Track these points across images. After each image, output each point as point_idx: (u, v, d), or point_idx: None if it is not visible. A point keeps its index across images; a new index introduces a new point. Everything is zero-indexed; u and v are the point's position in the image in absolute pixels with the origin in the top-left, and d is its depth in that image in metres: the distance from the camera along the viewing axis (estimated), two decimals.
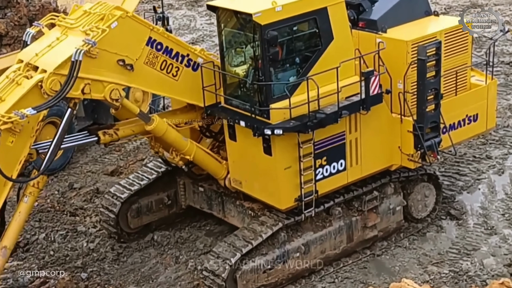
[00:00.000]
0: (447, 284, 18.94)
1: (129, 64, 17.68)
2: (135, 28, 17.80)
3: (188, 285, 19.76)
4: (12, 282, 20.12)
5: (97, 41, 16.75)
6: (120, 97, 17.78)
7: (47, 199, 24.34)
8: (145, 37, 17.89)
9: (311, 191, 18.79)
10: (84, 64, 16.74)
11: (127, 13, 17.63)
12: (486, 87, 21.06)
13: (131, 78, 17.99)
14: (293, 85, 18.20)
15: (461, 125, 20.81)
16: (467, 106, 20.84)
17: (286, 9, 17.68)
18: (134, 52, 17.79)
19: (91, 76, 17.19)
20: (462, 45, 20.41)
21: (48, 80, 16.48)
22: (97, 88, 17.47)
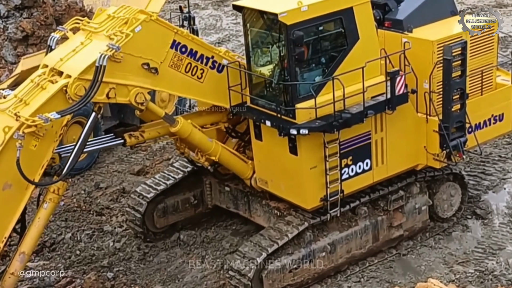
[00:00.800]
0: (472, 283, 18.91)
1: (154, 68, 17.76)
2: (159, 31, 17.88)
3: (214, 285, 19.82)
4: (38, 282, 20.23)
5: (121, 46, 16.81)
6: (145, 101, 17.85)
7: (73, 199, 24.48)
8: (169, 40, 17.96)
9: (336, 191, 18.81)
10: (109, 69, 16.82)
11: (151, 16, 17.70)
12: None
13: (156, 82, 18.07)
14: (318, 85, 18.15)
15: (486, 124, 20.72)
16: (493, 105, 20.71)
17: (312, 9, 17.65)
18: (158, 55, 17.86)
19: (115, 81, 17.27)
20: (488, 45, 20.27)
21: (73, 85, 16.56)
22: (122, 92, 17.55)
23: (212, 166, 20.17)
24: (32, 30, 26.13)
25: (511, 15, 39.45)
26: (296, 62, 17.79)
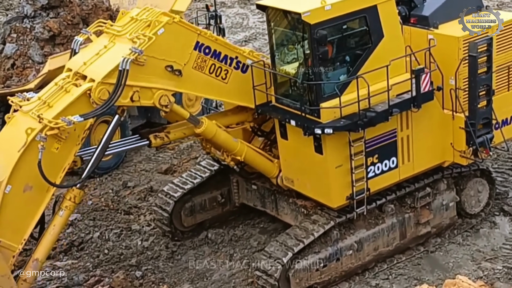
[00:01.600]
0: (500, 280, 18.88)
1: (178, 70, 17.86)
2: (182, 33, 17.97)
3: (242, 283, 19.90)
4: (67, 281, 20.39)
5: (144, 49, 16.92)
6: (169, 103, 17.97)
7: (101, 198, 24.66)
8: (193, 41, 18.04)
9: (362, 189, 18.81)
10: (132, 72, 16.98)
11: (173, 18, 17.78)
12: None
13: (180, 84, 18.17)
14: (343, 84, 18.19)
15: None
16: None
17: (335, 8, 17.65)
18: (182, 57, 17.96)
19: (139, 84, 17.41)
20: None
21: (97, 89, 16.72)
22: (146, 95, 17.69)
23: (238, 166, 20.31)
24: (59, 29, 26.23)
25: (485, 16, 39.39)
26: (320, 61, 17.77)
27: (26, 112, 16.85)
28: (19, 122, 17.00)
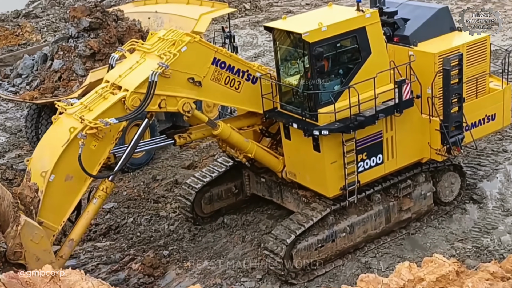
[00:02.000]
0: (470, 257, 18.90)
1: (198, 81, 17.92)
2: (202, 50, 18.02)
3: (253, 260, 19.89)
4: (106, 259, 20.52)
5: (170, 64, 17.13)
6: (191, 109, 18.05)
7: (134, 189, 24.65)
8: (211, 57, 18.09)
9: (353, 181, 18.89)
10: (160, 83, 17.13)
11: (194, 38, 17.92)
12: (502, 91, 20.86)
13: (200, 93, 18.22)
14: (337, 93, 18.26)
15: (481, 123, 20.65)
16: (486, 107, 20.64)
17: (330, 29, 17.78)
18: (201, 70, 18.02)
19: (166, 93, 17.51)
20: (481, 56, 20.21)
21: (130, 97, 16.91)
22: (171, 103, 17.79)
23: (248, 162, 20.34)
24: (98, 48, 26.26)
25: (502, 31, 39.13)
26: (317, 74, 17.87)
27: (69, 114, 17.01)
28: (63, 122, 17.15)
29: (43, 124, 27.13)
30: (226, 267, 19.77)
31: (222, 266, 19.85)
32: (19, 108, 32.99)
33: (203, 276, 19.42)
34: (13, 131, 30.91)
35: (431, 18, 20.31)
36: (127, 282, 19.24)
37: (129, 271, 19.73)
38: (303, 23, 18.53)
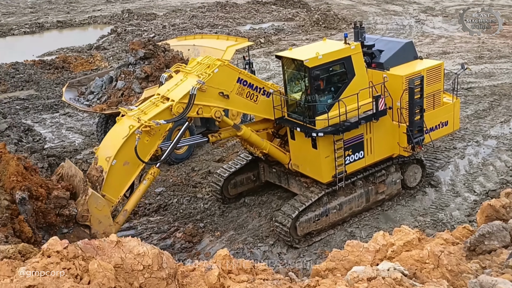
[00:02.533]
0: (429, 228, 18.97)
1: (226, 95, 18.09)
2: (229, 72, 18.22)
3: (266, 231, 19.94)
4: (157, 230, 20.63)
5: (205, 81, 17.40)
6: (221, 115, 18.26)
7: (178, 177, 24.59)
8: (236, 77, 18.30)
9: (342, 171, 19.01)
10: (198, 96, 17.42)
11: (224, 62, 18.15)
12: (453, 104, 21.09)
13: (227, 103, 18.38)
14: (330, 105, 18.36)
15: (437, 128, 20.82)
16: (441, 116, 20.82)
17: (325, 57, 17.98)
18: (229, 87, 18.19)
19: (202, 103, 17.74)
20: (437, 78, 20.36)
21: (176, 106, 17.20)
22: (206, 110, 17.98)
23: (263, 156, 20.52)
24: (151, 72, 26.35)
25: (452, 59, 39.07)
26: (314, 91, 18.06)
27: (129, 116, 17.35)
28: (124, 122, 17.44)
29: (109, 128, 27.24)
30: (246, 236, 19.78)
31: (243, 235, 19.86)
32: (92, 117, 33.12)
33: (230, 242, 19.45)
34: (87, 134, 31.03)
35: (399, 50, 20.35)
36: (172, 247, 19.31)
37: (174, 239, 19.82)
38: (304, 52, 18.61)
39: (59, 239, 9.24)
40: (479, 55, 39.97)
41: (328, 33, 52.24)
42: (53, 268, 8.49)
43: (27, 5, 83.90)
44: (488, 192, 20.95)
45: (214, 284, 9.80)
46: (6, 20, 71.55)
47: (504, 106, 29.58)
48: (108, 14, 69.51)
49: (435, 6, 61.90)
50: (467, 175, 22.49)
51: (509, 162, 23.22)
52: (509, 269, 9.23)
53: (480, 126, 27.16)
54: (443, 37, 46.77)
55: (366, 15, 60.04)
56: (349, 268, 10.78)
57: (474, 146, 24.95)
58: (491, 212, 11.30)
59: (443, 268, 10.14)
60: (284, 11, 64.08)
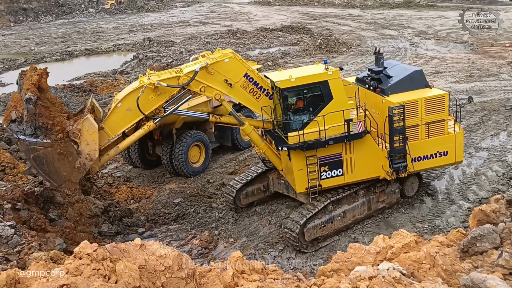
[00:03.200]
0: (427, 233, 18.76)
1: (230, 83, 18.87)
2: (238, 65, 18.99)
3: (276, 237, 19.92)
4: (175, 237, 20.61)
5: (210, 64, 18.50)
6: (220, 99, 19.03)
7: (194, 189, 24.61)
8: (244, 72, 18.97)
9: (315, 185, 18.96)
10: (204, 76, 18.56)
11: (235, 56, 18.93)
12: (454, 135, 19.72)
13: (229, 91, 19.05)
14: (305, 123, 18.49)
15: (433, 156, 19.73)
16: (439, 145, 19.64)
17: (297, 80, 18.17)
18: (235, 78, 18.92)
19: (207, 83, 18.75)
20: (438, 107, 19.27)
21: (182, 77, 18.58)
22: (209, 90, 18.88)
23: (264, 161, 21.44)
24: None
25: (444, 78, 39.11)
26: (286, 110, 18.45)
27: (147, 75, 19.05)
28: (140, 78, 18.82)
29: (132, 145, 27.38)
30: (258, 242, 19.78)
31: (255, 241, 19.86)
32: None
33: (242, 248, 19.43)
34: None
35: (405, 77, 19.68)
36: (190, 253, 19.30)
37: (192, 245, 19.80)
38: (283, 74, 18.83)
39: None
40: (469, 74, 40.07)
41: (330, 56, 52.47)
42: (84, 269, 8.61)
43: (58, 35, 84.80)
44: (481, 199, 20.82)
45: (229, 283, 9.87)
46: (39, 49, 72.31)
47: (494, 120, 29.64)
48: (131, 42, 70.09)
49: (428, 30, 62.15)
50: (461, 184, 22.45)
51: (499, 172, 23.22)
52: (499, 267, 9.23)
53: (472, 139, 27.19)
54: (435, 58, 46.92)
55: (364, 39, 60.28)
56: (352, 268, 10.82)
57: (467, 157, 24.89)
58: (482, 217, 11.29)
59: (438, 268, 10.16)
60: (290, 37, 64.48)
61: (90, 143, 17.92)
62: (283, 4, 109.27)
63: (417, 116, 19.13)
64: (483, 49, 49.20)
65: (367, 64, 47.97)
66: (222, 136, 28.42)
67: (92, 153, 18.02)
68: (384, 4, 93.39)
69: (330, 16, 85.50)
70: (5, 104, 41.86)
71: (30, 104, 17.05)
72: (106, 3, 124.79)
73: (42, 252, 13.41)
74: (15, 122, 17.31)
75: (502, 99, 33.36)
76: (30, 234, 15.93)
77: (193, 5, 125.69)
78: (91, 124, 17.86)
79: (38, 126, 17.28)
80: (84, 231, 18.96)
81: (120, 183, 25.28)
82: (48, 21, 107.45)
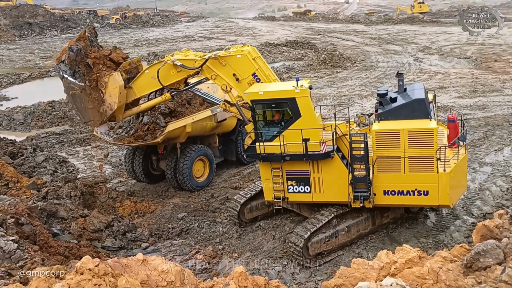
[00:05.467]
0: (431, 249, 18.69)
1: (237, 78, 20.00)
2: (249, 64, 19.85)
3: (280, 252, 19.80)
4: (179, 252, 20.48)
5: (218, 55, 20.13)
6: (227, 89, 20.38)
7: (199, 203, 24.53)
8: (252, 71, 19.85)
9: (281, 196, 19.49)
10: (217, 65, 20.22)
11: (248, 54, 19.84)
12: (437, 175, 17.62)
13: (236, 85, 20.10)
14: (273, 136, 18.80)
15: (410, 194, 18.07)
16: (417, 183, 17.85)
17: (265, 94, 18.39)
18: (243, 74, 19.91)
19: (218, 72, 20.32)
20: (422, 142, 17.42)
21: (198, 61, 20.60)
22: (218, 79, 20.40)
23: None
24: (174, 107, 26.23)
25: (448, 93, 39.06)
26: (253, 121, 19.07)
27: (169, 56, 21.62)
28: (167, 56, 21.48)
29: (136, 159, 27.47)
30: (262, 257, 19.66)
31: (259, 256, 19.74)
32: (120, 149, 33.40)
33: (246, 263, 19.32)
34: (116, 165, 31.27)
35: (403, 105, 18.21)
36: (194, 268, 19.19)
37: (195, 260, 19.70)
38: (254, 88, 19.25)
39: None
40: (473, 89, 40.08)
41: (334, 71, 52.56)
42: (85, 284, 8.58)
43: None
44: (485, 215, 20.68)
45: None
46: (44, 63, 72.76)
47: (498, 135, 29.58)
48: (135, 56, 70.31)
49: (432, 46, 62.34)
50: (465, 199, 22.30)
51: (503, 187, 23.12)
52: (503, 283, 9.18)
53: (476, 154, 27.12)
54: (439, 73, 46.99)
55: (368, 54, 60.43)
56: (355, 284, 10.77)
57: (471, 172, 24.80)
58: (486, 232, 11.26)
59: (442, 284, 10.10)
60: (294, 52, 64.72)
61: (112, 96, 21.50)
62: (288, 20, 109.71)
63: (399, 147, 17.65)
64: (486, 64, 49.30)
65: (371, 79, 48.06)
66: (226, 151, 28.42)
67: (112, 104, 21.64)
68: (388, 20, 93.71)
69: (335, 31, 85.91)
70: (9, 118, 42.07)
71: (71, 52, 21.31)
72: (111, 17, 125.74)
73: (45, 267, 13.38)
74: (63, 63, 21.50)
75: (506, 114, 33.37)
76: (33, 249, 15.92)
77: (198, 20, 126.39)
78: (115, 81, 21.39)
79: (77, 71, 21.42)
80: None
81: (124, 198, 25.26)
82: (53, 36, 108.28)
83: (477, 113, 33.82)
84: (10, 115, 42.78)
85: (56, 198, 21.90)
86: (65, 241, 18.67)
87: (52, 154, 31.75)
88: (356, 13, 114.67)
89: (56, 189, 22.78)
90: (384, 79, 47.31)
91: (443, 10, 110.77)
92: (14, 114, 42.69)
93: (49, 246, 17.36)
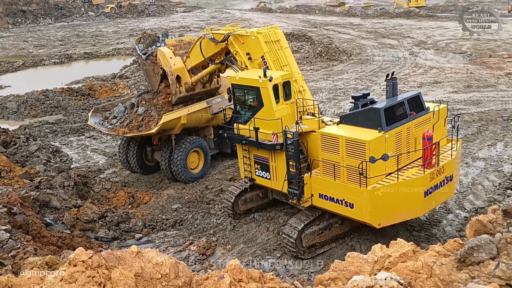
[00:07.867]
0: (424, 242, 18.78)
1: (250, 58, 21.07)
2: (258, 46, 20.71)
3: (274, 244, 19.84)
4: (173, 243, 20.51)
5: (237, 33, 21.47)
6: (242, 66, 21.36)
7: (193, 195, 24.54)
8: (261, 53, 20.68)
9: (250, 176, 20.95)
10: (238, 43, 21.45)
11: (261, 38, 20.62)
12: (361, 190, 16.71)
13: (249, 64, 21.12)
14: (245, 120, 20.20)
15: (339, 202, 17.43)
16: (344, 193, 17.27)
17: (240, 80, 19.95)
18: (255, 55, 20.90)
19: (238, 50, 21.53)
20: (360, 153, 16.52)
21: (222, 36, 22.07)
22: (238, 56, 21.58)
23: None
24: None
25: (443, 88, 39.08)
26: (232, 102, 20.81)
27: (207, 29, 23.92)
28: None
29: (131, 150, 27.40)
30: (255, 249, 19.69)
31: (253, 248, 19.76)
32: (115, 139, 33.30)
33: (240, 254, 19.37)
34: (110, 155, 31.19)
35: (360, 112, 17.51)
36: (187, 259, 19.23)
37: (189, 251, 19.73)
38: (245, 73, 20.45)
39: None
40: (467, 84, 40.13)
41: (330, 64, 52.48)
42: (78, 276, 8.53)
43: (57, 38, 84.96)
44: (478, 209, 20.78)
45: None
46: (38, 51, 72.38)
47: (491, 130, 29.64)
48: (131, 46, 70.12)
49: (427, 40, 62.35)
50: (458, 194, 22.36)
51: (496, 182, 23.18)
52: (496, 278, 9.19)
53: (469, 149, 27.18)
54: (434, 68, 47.03)
55: (364, 48, 60.39)
56: (349, 277, 10.76)
57: (464, 167, 24.87)
58: (479, 227, 11.27)
59: (435, 278, 10.11)
60: (290, 44, 64.26)
61: (166, 64, 25.29)
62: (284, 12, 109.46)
63: (338, 154, 17.07)
64: (481, 59, 49.35)
65: (367, 73, 48.04)
66: (221, 143, 28.38)
67: (172, 70, 25.18)
68: (384, 14, 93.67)
69: (331, 24, 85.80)
70: (2, 107, 41.85)
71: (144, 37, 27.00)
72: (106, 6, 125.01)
73: (37, 257, 13.31)
74: (141, 43, 26.89)
75: (500, 109, 33.44)
76: (26, 239, 15.86)
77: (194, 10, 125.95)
78: (162, 52, 25.43)
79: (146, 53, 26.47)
80: None
81: (118, 188, 25.21)
82: (47, 24, 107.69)
83: (471, 108, 33.89)
84: (3, 103, 42.57)
85: (49, 187, 21.84)
86: (58, 231, 18.61)
87: (45, 144, 31.66)
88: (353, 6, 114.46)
89: (49, 179, 22.71)
90: (380, 72, 47.27)
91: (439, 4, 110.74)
92: (7, 103, 42.49)
93: (41, 236, 17.28)
